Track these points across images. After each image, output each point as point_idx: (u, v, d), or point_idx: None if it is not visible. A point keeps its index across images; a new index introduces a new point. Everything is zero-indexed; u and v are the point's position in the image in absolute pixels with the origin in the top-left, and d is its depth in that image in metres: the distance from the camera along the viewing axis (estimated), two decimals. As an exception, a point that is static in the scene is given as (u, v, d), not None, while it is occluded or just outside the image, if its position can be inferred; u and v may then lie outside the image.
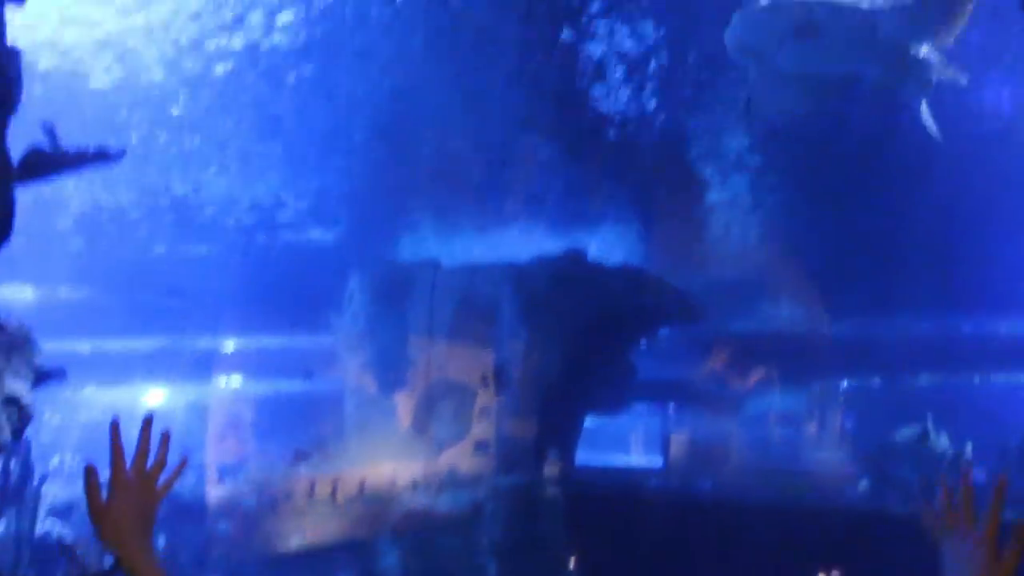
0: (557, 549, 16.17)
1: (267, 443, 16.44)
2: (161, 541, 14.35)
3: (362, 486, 16.09)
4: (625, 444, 21.77)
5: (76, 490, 14.02)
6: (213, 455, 16.03)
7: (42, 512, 12.41)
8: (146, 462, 2.09)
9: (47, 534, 11.80)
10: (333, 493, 15.91)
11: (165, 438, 2.09)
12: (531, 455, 16.82)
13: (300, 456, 16.09)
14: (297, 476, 16.01)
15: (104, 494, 2.05)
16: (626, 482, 17.32)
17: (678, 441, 18.34)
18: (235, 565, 15.16)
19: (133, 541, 1.95)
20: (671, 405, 19.42)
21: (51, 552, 10.55)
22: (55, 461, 14.53)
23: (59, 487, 13.47)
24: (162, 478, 2.13)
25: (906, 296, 16.97)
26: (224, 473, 15.91)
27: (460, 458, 16.71)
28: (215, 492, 15.56)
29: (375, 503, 16.08)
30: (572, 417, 18.02)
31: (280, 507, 15.72)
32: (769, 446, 17.63)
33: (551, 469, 16.85)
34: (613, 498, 16.29)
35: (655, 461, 19.28)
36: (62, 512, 13.07)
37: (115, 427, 2.13)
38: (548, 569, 15.86)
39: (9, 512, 11.11)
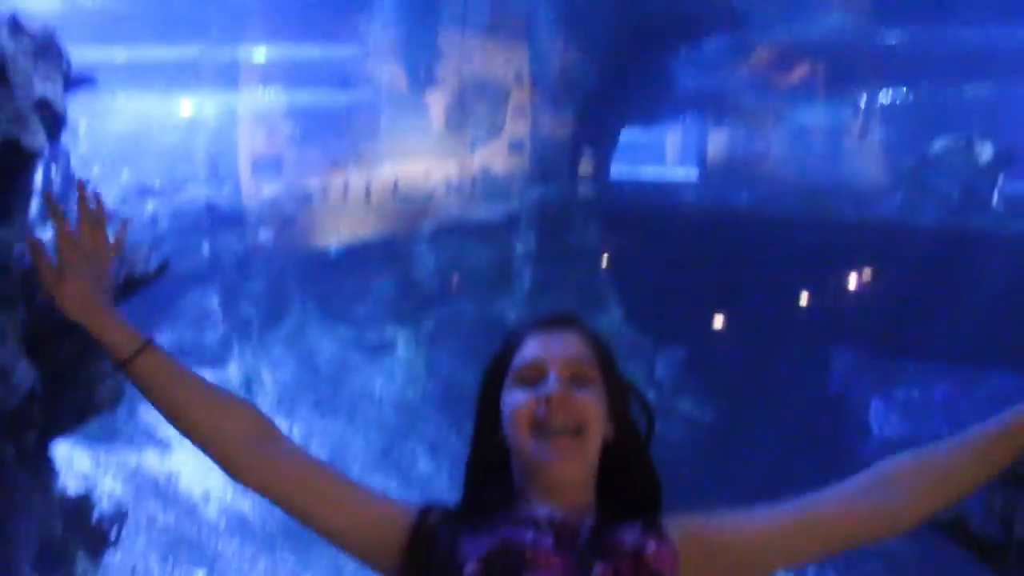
0: (591, 261, 16.61)
1: (301, 149, 16.49)
2: (206, 248, 14.87)
3: (396, 187, 16.31)
4: (661, 157, 21.67)
5: (114, 197, 14.40)
6: (247, 162, 16.16)
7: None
8: (91, 222, 1.97)
9: (95, 238, 12.20)
10: (367, 194, 16.16)
11: (98, 198, 1.99)
12: (566, 161, 16.85)
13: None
14: (332, 179, 16.19)
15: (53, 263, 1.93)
16: (661, 195, 17.41)
17: (715, 154, 18.23)
18: (275, 269, 15.72)
19: (93, 306, 1.91)
20: (709, 117, 19.09)
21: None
22: (95, 170, 14.76)
23: (104, 194, 13.75)
24: (110, 235, 2.04)
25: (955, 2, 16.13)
26: (260, 177, 16.08)
27: (494, 158, 16.75)
28: (251, 198, 15.84)
29: (410, 203, 16.36)
30: (608, 125, 17.85)
31: (316, 209, 16.03)
32: (808, 158, 17.45)
33: (586, 180, 16.94)
34: (648, 211, 16.46)
35: (691, 174, 19.25)
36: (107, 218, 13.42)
37: (80, 186, 2.03)
38: (580, 281, 16.35)
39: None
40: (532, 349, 1.93)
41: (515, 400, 1.88)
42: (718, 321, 15.66)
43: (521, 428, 1.85)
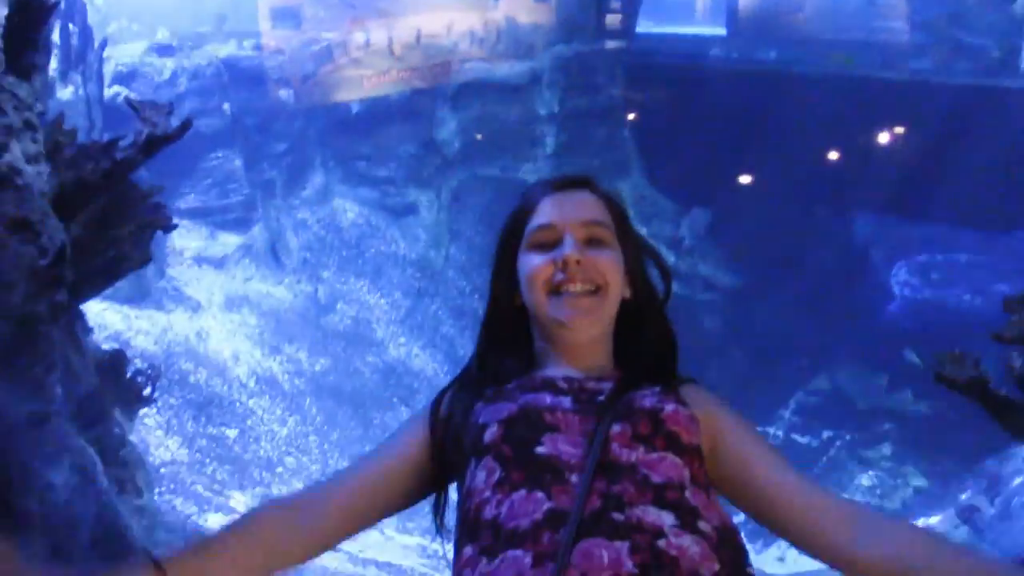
0: (614, 121, 16.37)
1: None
2: (227, 108, 14.69)
3: (418, 39, 15.99)
4: (690, 11, 21.09)
5: (137, 53, 14.19)
6: (266, 14, 15.76)
7: (108, 76, 12.64)
8: None
9: (115, 96, 12.08)
10: (390, 46, 15.85)
11: None
12: (591, 16, 16.42)
13: None
14: (353, 31, 15.86)
15: None
16: (688, 50, 16.97)
17: (744, 8, 17.66)
18: (297, 129, 15.56)
19: None
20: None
21: (123, 113, 10.85)
22: (113, 27, 14.48)
23: (120, 52, 13.59)
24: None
25: None
26: (279, 29, 15.66)
27: (518, 9, 16.34)
28: (271, 52, 15.54)
29: (432, 55, 16.06)
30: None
31: (337, 65, 15.75)
32: (839, 15, 16.89)
33: (611, 36, 16.54)
34: (673, 68, 16.09)
35: (719, 29, 18.73)
36: (126, 77, 13.30)
37: None
38: (604, 141, 16.16)
39: (75, 76, 11.31)
40: (547, 212, 1.92)
41: (532, 263, 1.89)
42: (743, 182, 15.47)
43: (539, 290, 1.86)
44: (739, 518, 1.75)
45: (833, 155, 14.43)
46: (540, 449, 1.68)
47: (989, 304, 12.77)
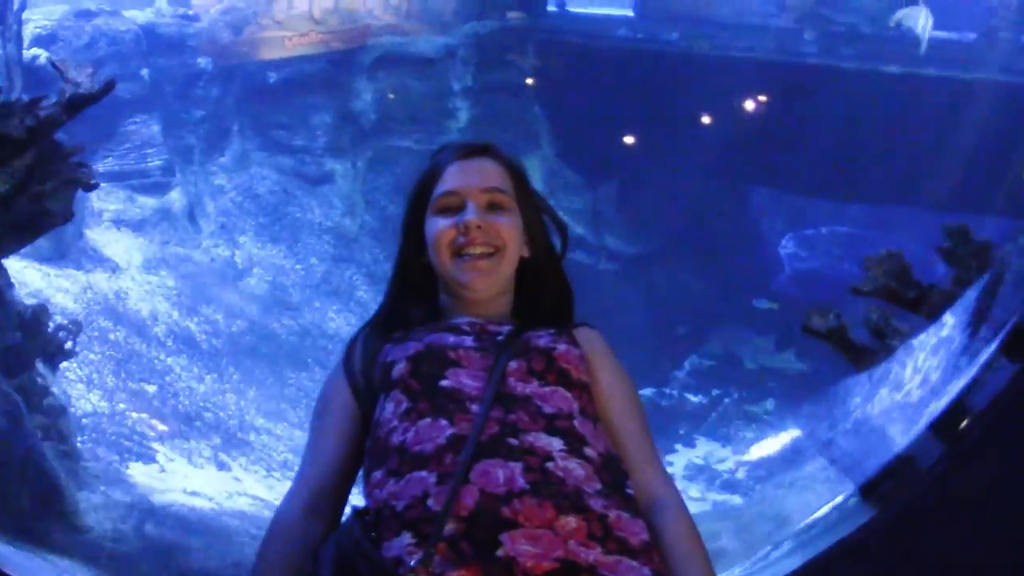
0: (527, 95, 16.81)
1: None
2: (145, 73, 14.72)
3: (336, 2, 16.25)
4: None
5: (56, 15, 14.14)
6: None
7: (26, 39, 12.64)
8: None
9: (35, 58, 12.14)
10: (310, 8, 16.06)
11: None
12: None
13: None
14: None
15: None
16: (597, 30, 17.43)
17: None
18: (214, 97, 15.60)
19: None
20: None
21: (42, 75, 10.97)
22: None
23: (40, 15, 13.54)
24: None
25: None
26: None
27: None
28: (190, 26, 15.60)
29: (349, 20, 16.32)
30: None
31: (258, 30, 15.86)
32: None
33: (522, 12, 16.93)
34: (583, 44, 16.53)
35: (627, 11, 19.26)
36: (45, 40, 13.28)
37: None
38: (516, 115, 16.59)
39: (-8, 35, 11.35)
40: (451, 179, 2.09)
41: (437, 227, 2.06)
42: (647, 157, 16.10)
43: (443, 252, 2.05)
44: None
45: (730, 132, 15.11)
46: (444, 383, 1.85)
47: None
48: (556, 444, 1.76)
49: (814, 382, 10.92)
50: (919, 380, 4.42)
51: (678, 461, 13.16)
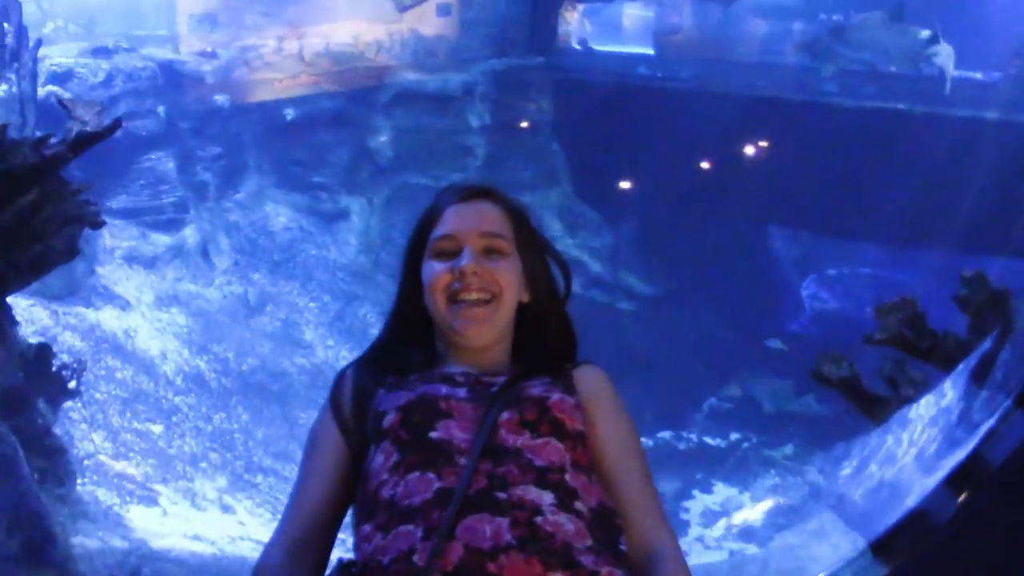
0: (545, 133, 16.78)
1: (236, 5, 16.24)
2: (161, 111, 14.76)
3: (327, 44, 16.34)
4: (620, 32, 21.53)
5: (73, 53, 14.23)
6: (184, 17, 15.92)
7: (42, 75, 12.69)
8: None
9: (49, 95, 12.15)
10: (300, 52, 16.18)
11: None
12: (522, 32, 16.92)
13: None
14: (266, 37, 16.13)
15: None
16: (615, 67, 17.46)
17: (668, 29, 18.24)
18: (232, 133, 15.63)
19: None
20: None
21: (56, 113, 10.99)
22: (49, 27, 14.52)
23: (57, 53, 13.63)
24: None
25: None
26: (197, 34, 15.83)
27: (422, 23, 16.88)
28: (192, 54, 15.69)
29: (340, 61, 16.40)
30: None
31: (267, 70, 15.95)
32: (755, 39, 17.52)
33: (540, 51, 16.99)
34: (601, 82, 16.51)
35: (648, 49, 19.27)
36: (61, 77, 13.33)
37: None
38: (534, 153, 16.56)
39: (8, 75, 11.41)
40: (449, 222, 2.05)
41: (433, 271, 2.02)
42: (666, 195, 15.96)
43: (438, 298, 2.00)
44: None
45: (750, 171, 14.97)
46: (434, 434, 1.82)
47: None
48: (546, 498, 1.73)
49: (834, 427, 10.65)
50: (933, 433, 4.24)
51: (695, 507, 12.90)
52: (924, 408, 4.71)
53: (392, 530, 1.73)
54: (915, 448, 4.51)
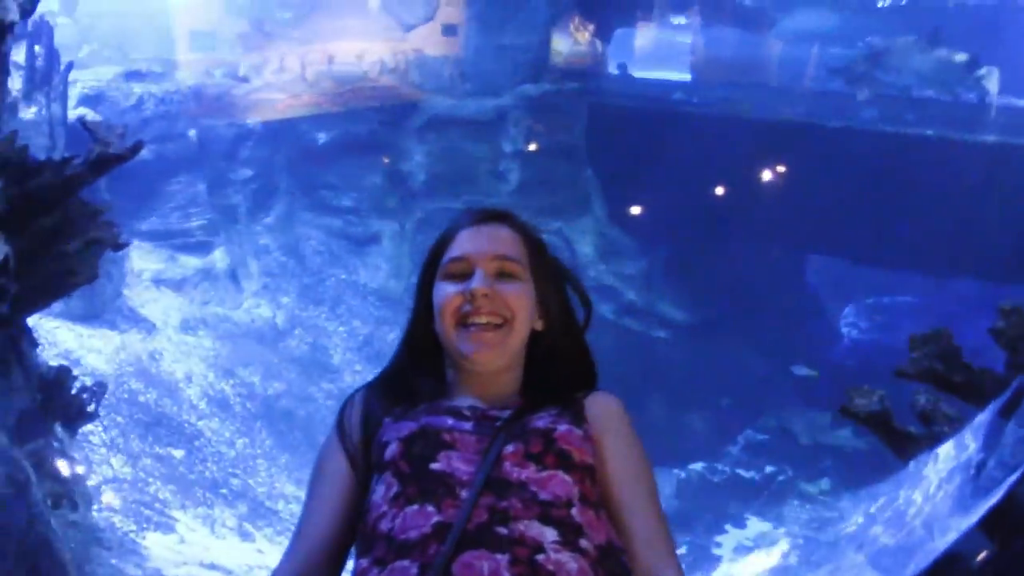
0: (579, 158, 16.64)
1: (234, 21, 16.34)
2: (192, 134, 14.82)
3: (330, 64, 16.35)
4: (660, 58, 21.41)
5: (106, 77, 14.36)
6: (184, 35, 16.05)
7: (74, 98, 12.77)
8: None
9: (80, 119, 12.23)
10: (303, 70, 16.20)
11: None
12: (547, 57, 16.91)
13: None
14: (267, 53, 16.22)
15: None
16: (651, 93, 17.32)
17: (706, 55, 18.10)
18: (263, 157, 15.64)
19: None
20: (700, 19, 18.86)
21: (86, 136, 11.02)
22: (84, 51, 14.68)
23: (89, 76, 13.74)
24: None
25: None
26: (195, 51, 15.96)
27: (426, 43, 16.86)
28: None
29: (343, 81, 16.39)
30: (603, 22, 17.88)
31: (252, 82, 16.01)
32: (796, 63, 17.31)
33: (576, 77, 16.93)
34: (637, 108, 16.37)
35: (684, 74, 19.13)
36: (93, 100, 13.43)
37: None
38: (567, 178, 16.43)
39: (39, 97, 11.49)
40: (461, 245, 1.98)
41: (443, 294, 1.93)
42: (701, 222, 15.73)
43: (447, 321, 1.91)
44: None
45: (786, 198, 14.70)
46: (435, 466, 1.75)
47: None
48: (549, 534, 1.67)
49: (871, 461, 10.28)
50: (966, 472, 4.01)
51: (727, 541, 12.57)
52: (957, 445, 4.47)
53: (388, 564, 1.67)
54: (948, 487, 4.29)
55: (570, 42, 17.69)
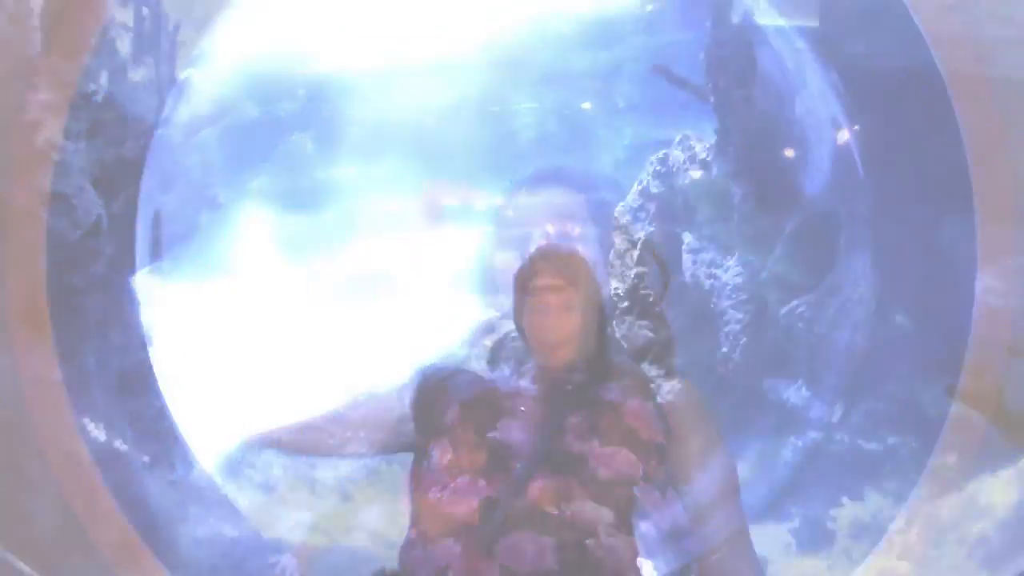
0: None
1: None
2: (302, 93, 14.92)
3: None
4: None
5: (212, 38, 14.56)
6: None
7: (180, 60, 12.97)
8: None
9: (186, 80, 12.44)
10: None
11: None
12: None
13: None
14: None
15: None
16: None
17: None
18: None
19: None
20: None
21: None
22: (193, 12, 14.92)
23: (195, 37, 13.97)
24: None
25: None
26: None
27: None
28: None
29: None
30: None
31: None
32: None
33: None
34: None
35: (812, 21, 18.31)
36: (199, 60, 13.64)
37: None
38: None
39: (148, 58, 11.66)
40: (520, 208, 1.96)
41: (504, 260, 1.91)
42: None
43: (513, 287, 1.88)
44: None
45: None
46: (493, 434, 1.71)
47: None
48: (606, 516, 1.69)
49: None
50: None
51: (842, 515, 12.08)
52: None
53: (433, 541, 1.71)
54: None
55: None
